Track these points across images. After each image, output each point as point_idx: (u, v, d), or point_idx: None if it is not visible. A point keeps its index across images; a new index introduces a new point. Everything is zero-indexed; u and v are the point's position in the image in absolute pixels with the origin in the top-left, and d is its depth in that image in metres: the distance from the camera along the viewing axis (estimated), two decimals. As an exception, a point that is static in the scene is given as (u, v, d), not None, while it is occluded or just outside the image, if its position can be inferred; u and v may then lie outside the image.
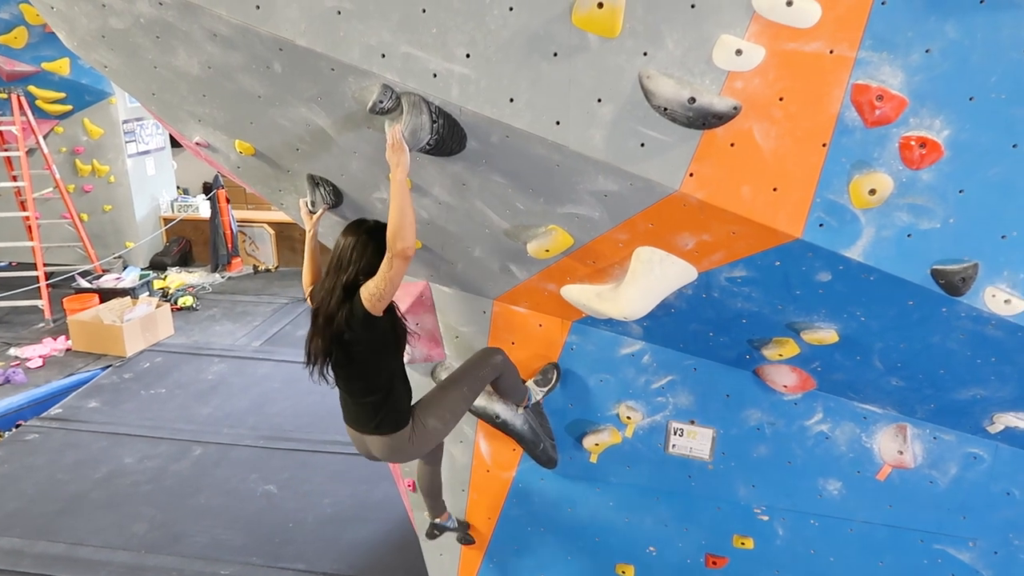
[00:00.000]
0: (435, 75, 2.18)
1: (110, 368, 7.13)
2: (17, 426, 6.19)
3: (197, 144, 2.91)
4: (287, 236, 10.32)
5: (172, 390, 6.73)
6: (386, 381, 2.78)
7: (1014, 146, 2.02)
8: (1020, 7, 1.93)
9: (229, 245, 10.13)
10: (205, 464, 5.54)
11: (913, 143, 2.05)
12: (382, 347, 2.73)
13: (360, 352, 2.69)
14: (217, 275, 9.99)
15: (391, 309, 2.71)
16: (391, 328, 2.74)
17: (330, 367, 2.75)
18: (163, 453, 5.70)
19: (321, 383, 2.79)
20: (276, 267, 10.42)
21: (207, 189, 10.96)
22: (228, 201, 10.07)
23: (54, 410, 6.40)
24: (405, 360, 3.28)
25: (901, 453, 2.82)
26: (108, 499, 5.14)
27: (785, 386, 2.87)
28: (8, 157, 8.90)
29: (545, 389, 3.18)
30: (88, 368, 7.14)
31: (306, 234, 2.92)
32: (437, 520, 3.52)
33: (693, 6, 2.03)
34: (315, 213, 2.89)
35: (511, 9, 2.09)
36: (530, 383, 3.19)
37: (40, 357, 7.28)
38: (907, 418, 2.82)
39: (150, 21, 2.36)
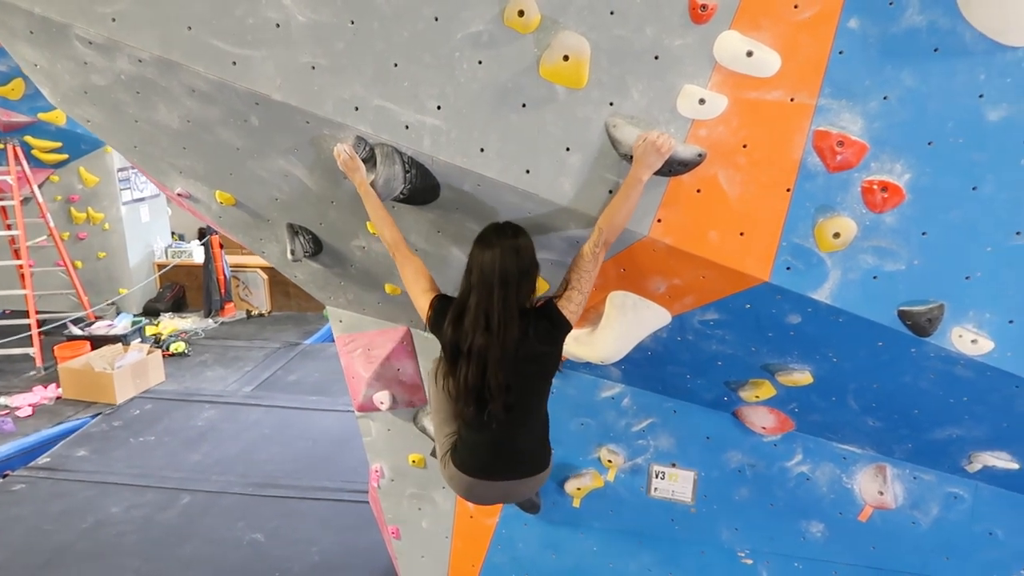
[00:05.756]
0: (407, 127, 2.23)
1: (100, 416, 7.07)
2: (4, 476, 6.12)
3: (179, 195, 2.96)
4: (280, 281, 10.34)
5: (161, 437, 6.68)
6: (543, 409, 2.51)
7: (974, 188, 2.07)
8: (972, 54, 1.99)
9: (222, 290, 10.14)
10: (192, 513, 5.48)
11: (875, 187, 2.10)
12: (553, 371, 2.45)
13: (539, 378, 2.42)
14: (210, 320, 9.99)
15: None
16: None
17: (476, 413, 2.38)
18: (150, 502, 5.63)
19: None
20: (269, 312, 10.42)
21: (202, 235, 11.04)
22: (222, 246, 10.12)
23: (42, 459, 6.33)
24: (385, 407, 3.30)
25: (882, 494, 2.81)
26: (94, 550, 5.06)
27: (764, 427, 2.88)
28: (3, 207, 8.96)
29: None
30: (78, 416, 7.09)
31: (362, 186, 2.30)
32: None
33: (657, 57, 2.09)
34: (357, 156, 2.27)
35: (480, 63, 2.15)
36: None
37: (30, 406, 7.23)
38: (886, 458, 2.82)
39: (131, 78, 2.42)
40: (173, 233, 11.49)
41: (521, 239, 2.29)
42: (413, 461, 3.46)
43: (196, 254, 10.61)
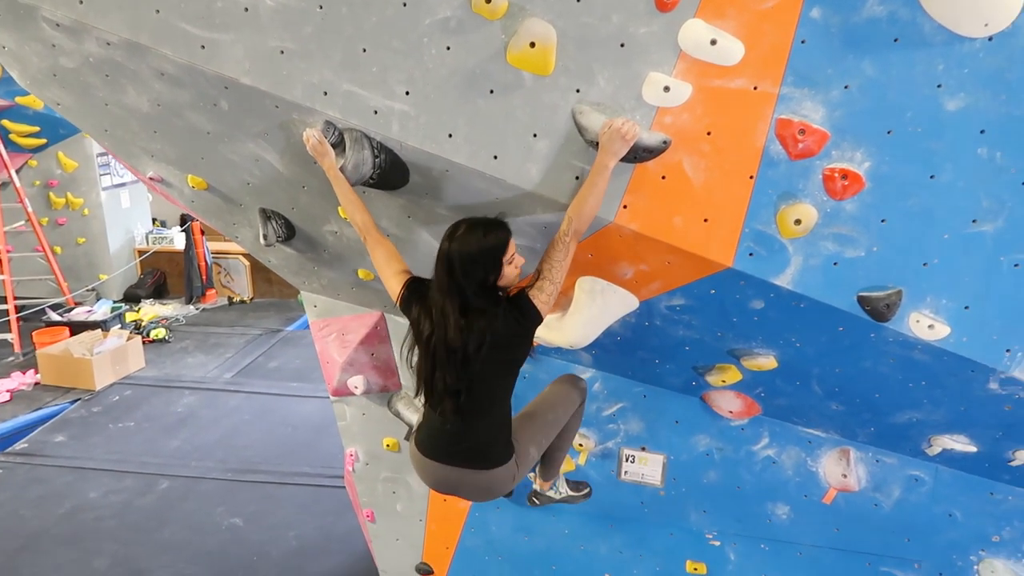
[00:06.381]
0: (376, 112, 2.24)
1: (79, 402, 7.06)
2: (-18, 462, 6.11)
3: (151, 179, 2.96)
4: (262, 268, 10.30)
5: (140, 423, 6.68)
6: (503, 405, 2.46)
7: (932, 177, 2.11)
8: (931, 45, 2.02)
9: (203, 277, 10.11)
10: (171, 498, 5.49)
11: (836, 175, 2.13)
12: (521, 361, 2.45)
13: (504, 368, 2.40)
14: (191, 307, 9.95)
15: None
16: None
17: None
18: (129, 487, 5.64)
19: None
20: (251, 298, 10.40)
21: (184, 221, 10.98)
22: (203, 233, 10.07)
23: (19, 445, 6.32)
24: (359, 392, 3.32)
25: (845, 476, 2.87)
26: (71, 535, 5.07)
27: (731, 412, 2.92)
28: (-20, 191, 8.89)
29: (573, 494, 3.02)
30: (56, 402, 7.07)
31: (331, 170, 2.32)
32: (538, 489, 3.09)
33: (623, 45, 2.11)
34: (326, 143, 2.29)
35: (448, 48, 2.16)
36: (563, 476, 3.04)
37: (8, 391, 7.20)
38: (850, 442, 2.88)
39: (99, 60, 2.42)
40: (154, 219, 11.41)
41: (473, 234, 2.25)
42: (387, 445, 3.48)
43: (177, 240, 10.56)
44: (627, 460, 3.14)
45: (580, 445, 3.16)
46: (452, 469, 2.47)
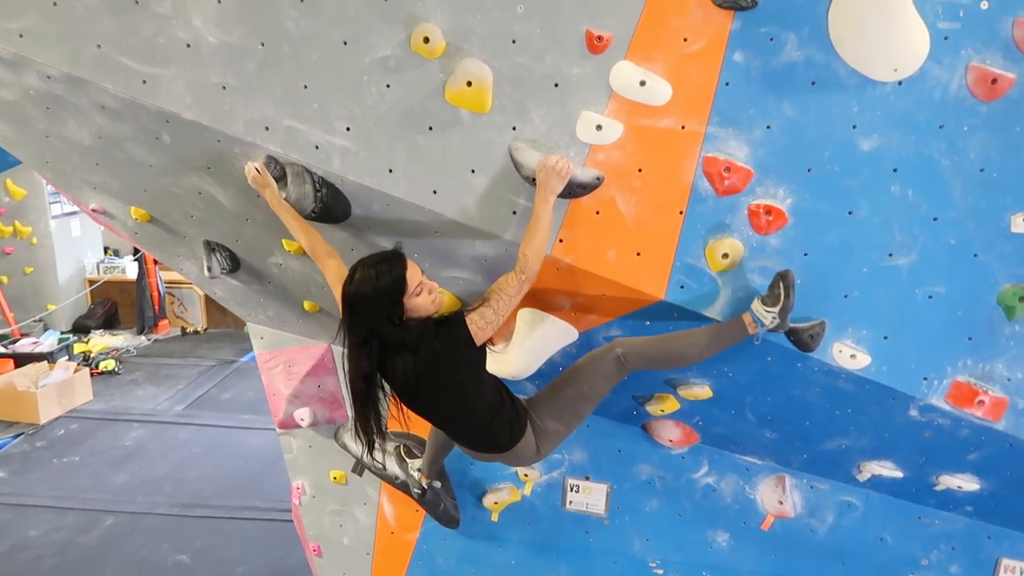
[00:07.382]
0: (317, 147, 2.29)
1: (22, 436, 6.86)
2: (-84, 500, 5.89)
3: (94, 210, 2.94)
4: (217, 297, 10.18)
5: (86, 458, 6.51)
6: (496, 393, 2.45)
7: (850, 213, 2.21)
8: (846, 88, 2.14)
9: (156, 307, 9.95)
10: (115, 535, 5.35)
11: (760, 210, 2.23)
12: (478, 369, 2.40)
13: (448, 380, 2.33)
14: (143, 337, 9.77)
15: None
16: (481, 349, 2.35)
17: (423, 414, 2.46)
18: (71, 524, 5.48)
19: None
20: (205, 329, 10.25)
21: (136, 250, 10.80)
22: (156, 262, 9.93)
23: (-43, 482, 6.13)
24: (305, 424, 3.31)
25: (781, 503, 2.94)
26: (7, 575, 4.91)
27: (671, 440, 2.98)
28: (-76, 220, 8.67)
29: (775, 310, 2.21)
30: (-2, 437, 6.88)
31: (274, 200, 2.39)
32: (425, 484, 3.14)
33: (557, 85, 2.19)
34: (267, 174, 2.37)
35: (388, 86, 2.22)
36: (756, 304, 2.26)
37: (-53, 426, 6.99)
38: (785, 468, 2.95)
39: (40, 93, 2.43)
40: (107, 248, 11.20)
41: (367, 277, 2.18)
42: (334, 478, 3.47)
43: (130, 270, 10.39)
44: (572, 490, 3.17)
45: (526, 475, 3.19)
46: (472, 452, 2.65)
